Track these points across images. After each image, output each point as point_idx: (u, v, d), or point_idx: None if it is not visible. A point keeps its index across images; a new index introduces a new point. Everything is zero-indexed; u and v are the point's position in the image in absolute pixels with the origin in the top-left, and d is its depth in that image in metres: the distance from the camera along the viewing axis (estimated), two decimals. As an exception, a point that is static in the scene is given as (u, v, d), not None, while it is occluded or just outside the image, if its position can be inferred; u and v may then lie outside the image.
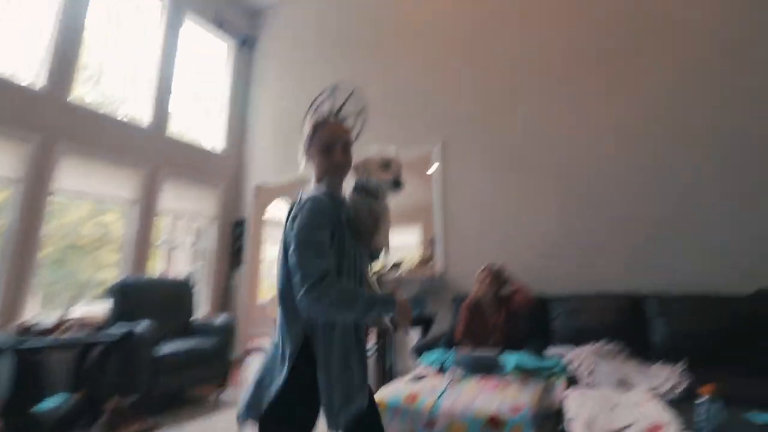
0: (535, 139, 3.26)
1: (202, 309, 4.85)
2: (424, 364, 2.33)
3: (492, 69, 3.60)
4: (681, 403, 1.62)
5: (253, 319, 5.91)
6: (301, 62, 5.21)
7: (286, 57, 5.43)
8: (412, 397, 1.80)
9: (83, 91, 4.12)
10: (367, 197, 1.17)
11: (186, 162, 4.85)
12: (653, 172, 2.75)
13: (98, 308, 3.53)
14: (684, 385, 1.82)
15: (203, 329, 3.43)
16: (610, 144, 2.94)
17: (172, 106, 4.79)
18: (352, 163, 1.19)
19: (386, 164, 1.17)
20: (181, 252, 5.36)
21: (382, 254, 1.25)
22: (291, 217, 1.06)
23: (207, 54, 5.48)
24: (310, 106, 5.47)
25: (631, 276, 2.67)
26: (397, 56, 4.27)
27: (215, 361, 3.20)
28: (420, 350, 2.58)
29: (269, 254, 7.86)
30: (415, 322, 3.23)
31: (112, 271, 4.23)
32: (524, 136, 3.31)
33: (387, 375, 2.97)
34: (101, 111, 4.11)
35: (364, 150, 1.25)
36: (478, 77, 3.67)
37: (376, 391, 1.55)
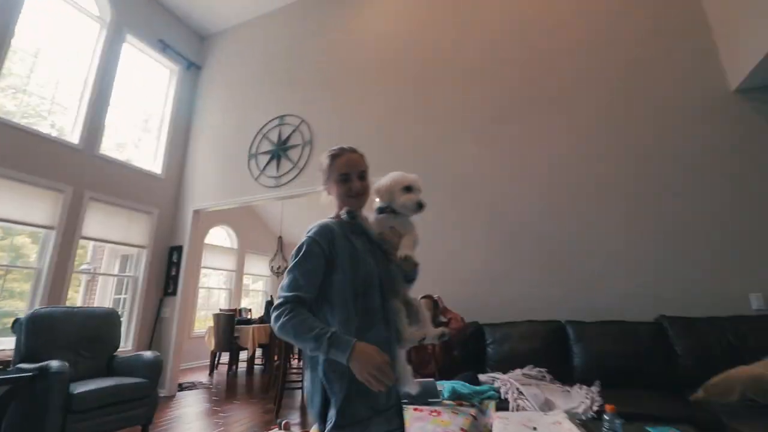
0: (471, 179, 3.50)
1: (127, 343, 4.46)
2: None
3: (433, 111, 3.85)
4: (593, 421, 1.80)
5: (186, 352, 5.53)
6: (246, 90, 5.21)
7: (232, 84, 5.40)
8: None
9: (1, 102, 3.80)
10: (389, 215, 1.23)
11: (118, 183, 4.56)
12: (571, 217, 3.08)
13: (2, 344, 3.13)
14: (597, 405, 2.01)
15: (127, 365, 3.16)
16: (533, 189, 3.25)
17: (107, 124, 4.55)
18: (376, 188, 1.25)
19: (408, 188, 1.23)
20: (106, 281, 4.95)
21: (415, 273, 1.25)
22: None
23: (149, 75, 5.31)
24: (258, 132, 5.47)
25: (555, 306, 2.92)
26: (342, 90, 4.43)
27: (140, 401, 2.95)
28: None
29: (207, 282, 7.47)
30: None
31: (21, 301, 3.79)
32: (462, 175, 3.54)
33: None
34: (21, 123, 3.79)
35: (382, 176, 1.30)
36: (420, 117, 3.90)
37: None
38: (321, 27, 4.86)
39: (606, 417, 1.52)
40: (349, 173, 1.18)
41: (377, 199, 1.26)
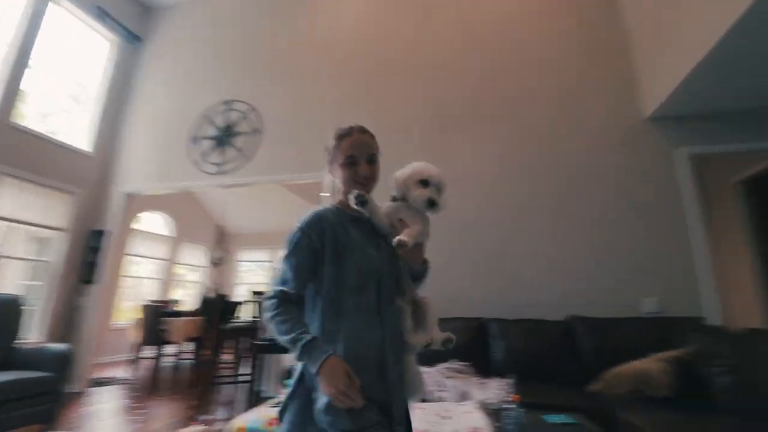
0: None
1: (41, 333, 4.07)
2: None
3: (384, 108, 3.91)
4: (502, 410, 1.94)
5: (107, 345, 5.16)
6: (193, 70, 4.94)
7: (178, 62, 5.09)
8: (272, 422, 1.81)
9: None
10: (402, 204, 1.13)
11: (36, 158, 4.14)
12: (500, 225, 3.30)
13: None
14: (510, 396, 2.17)
15: (31, 358, 2.89)
16: (467, 199, 3.38)
17: (28, 93, 4.11)
18: (393, 178, 1.15)
19: (425, 182, 1.11)
20: (15, 265, 4.47)
21: (424, 271, 1.14)
22: None
23: (84, 44, 4.86)
24: (202, 116, 5.25)
25: (482, 304, 3.10)
26: (296, 82, 4.35)
27: (44, 397, 2.71)
28: (289, 372, 2.58)
29: (139, 271, 6.99)
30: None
31: None
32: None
33: (255, 399, 2.89)
34: None
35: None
36: (372, 113, 3.91)
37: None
38: (276, 14, 4.73)
39: (511, 406, 1.66)
40: (356, 156, 1.08)
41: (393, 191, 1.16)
